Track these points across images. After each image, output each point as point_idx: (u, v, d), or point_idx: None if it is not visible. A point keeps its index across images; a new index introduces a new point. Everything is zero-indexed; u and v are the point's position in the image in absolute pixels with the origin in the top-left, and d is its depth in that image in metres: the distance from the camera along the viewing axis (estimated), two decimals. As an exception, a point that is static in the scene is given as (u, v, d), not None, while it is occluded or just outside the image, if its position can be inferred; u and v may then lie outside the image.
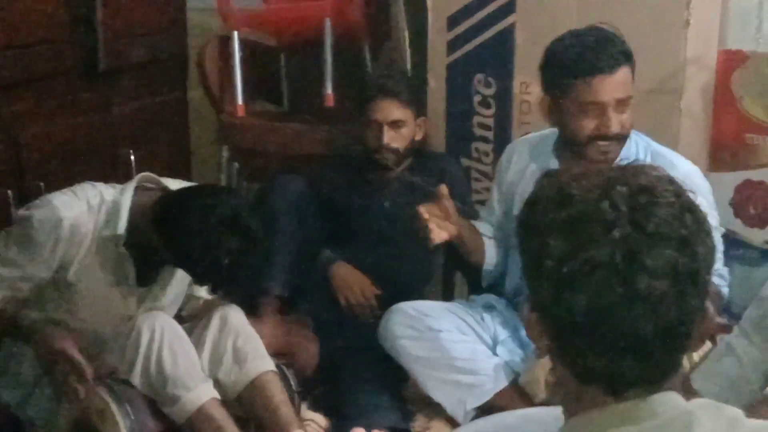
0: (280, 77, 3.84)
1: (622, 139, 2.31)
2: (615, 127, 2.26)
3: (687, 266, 1.03)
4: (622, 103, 2.26)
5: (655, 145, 2.43)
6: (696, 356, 2.22)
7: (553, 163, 2.43)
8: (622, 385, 1.07)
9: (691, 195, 1.08)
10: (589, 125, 2.28)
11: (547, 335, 1.09)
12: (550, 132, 2.48)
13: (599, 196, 1.05)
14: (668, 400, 1.07)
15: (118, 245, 2.28)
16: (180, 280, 2.48)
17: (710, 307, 1.08)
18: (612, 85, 2.23)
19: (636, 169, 1.09)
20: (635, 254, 1.02)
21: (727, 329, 2.19)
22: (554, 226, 1.06)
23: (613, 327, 1.03)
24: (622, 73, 2.25)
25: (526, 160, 2.56)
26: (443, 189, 2.42)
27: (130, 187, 2.31)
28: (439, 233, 2.38)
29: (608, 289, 1.02)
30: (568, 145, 2.37)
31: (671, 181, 1.09)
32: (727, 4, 2.94)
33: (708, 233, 1.07)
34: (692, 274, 1.04)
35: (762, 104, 2.96)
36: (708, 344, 2.31)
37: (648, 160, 2.35)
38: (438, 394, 2.51)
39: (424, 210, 2.38)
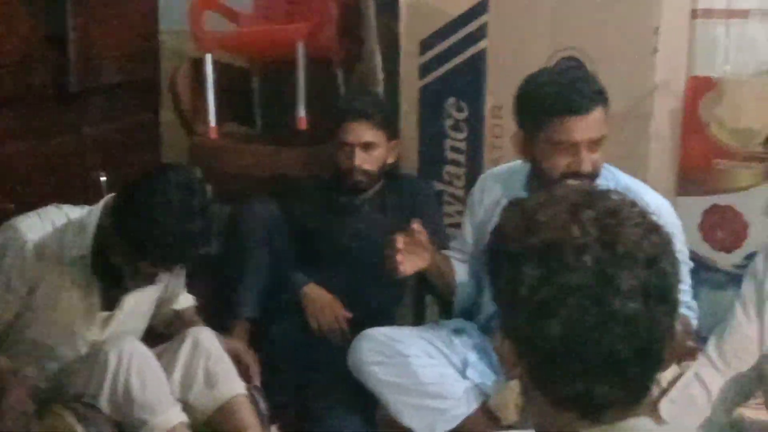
0: (252, 99, 3.84)
1: (593, 177, 2.32)
2: (587, 167, 2.27)
3: (657, 285, 1.04)
4: (595, 143, 2.27)
5: (624, 180, 2.43)
6: (664, 382, 2.23)
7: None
8: (597, 409, 1.07)
9: (654, 216, 1.09)
10: (561, 163, 2.29)
11: (522, 362, 1.09)
12: (521, 164, 2.49)
13: (568, 221, 1.06)
14: (642, 426, 1.07)
15: (85, 267, 2.26)
16: (146, 302, 2.47)
17: (679, 326, 1.09)
18: (586, 126, 2.25)
19: (599, 193, 1.10)
20: (608, 277, 1.03)
21: (695, 353, 2.20)
22: (525, 254, 1.06)
23: (589, 351, 1.03)
24: (597, 113, 2.26)
25: (498, 194, 2.56)
26: (416, 226, 2.42)
27: (96, 208, 2.30)
28: (410, 265, 2.38)
29: (584, 313, 1.02)
30: (540, 180, 2.38)
31: (634, 203, 1.10)
32: (695, 31, 2.97)
33: (672, 252, 1.08)
34: (662, 293, 1.05)
35: (729, 130, 3.00)
36: (676, 370, 2.33)
37: None
38: (408, 419, 2.50)
39: (398, 239, 2.39)
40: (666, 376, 2.30)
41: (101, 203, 2.32)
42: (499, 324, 1.12)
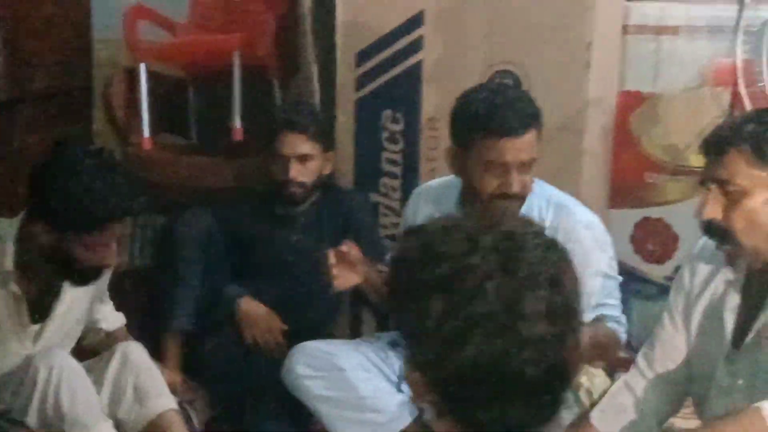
0: (187, 110, 3.80)
1: (522, 198, 2.33)
2: (516, 188, 2.27)
3: (561, 304, 1.06)
4: (526, 165, 2.28)
5: (557, 196, 2.44)
6: (596, 394, 2.26)
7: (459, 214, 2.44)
8: None
9: (549, 233, 1.10)
10: (491, 183, 2.29)
11: (433, 393, 1.09)
12: (455, 179, 2.48)
13: (467, 249, 1.05)
14: None
15: (10, 280, 2.22)
16: (76, 312, 2.43)
17: (583, 340, 1.10)
18: (518, 148, 2.24)
19: (496, 216, 1.11)
20: (513, 302, 1.03)
21: (627, 364, 2.23)
22: (428, 287, 1.05)
23: (500, 376, 1.04)
24: (530, 135, 2.26)
25: (430, 210, 2.55)
26: (345, 247, 2.41)
27: (16, 220, 2.25)
28: (343, 281, 2.38)
29: (491, 341, 1.03)
30: (473, 197, 2.38)
31: (530, 222, 1.11)
32: (626, 47, 3.03)
33: (572, 267, 1.10)
34: (567, 311, 1.06)
35: (659, 144, 3.05)
36: (607, 381, 2.36)
37: (550, 212, 2.37)
38: (342, 433, 2.50)
39: (331, 255, 2.38)
40: (598, 386, 2.33)
41: (23, 214, 2.27)
42: (407, 356, 1.11)
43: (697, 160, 2.98)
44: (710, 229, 1.83)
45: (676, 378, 2.03)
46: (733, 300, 1.89)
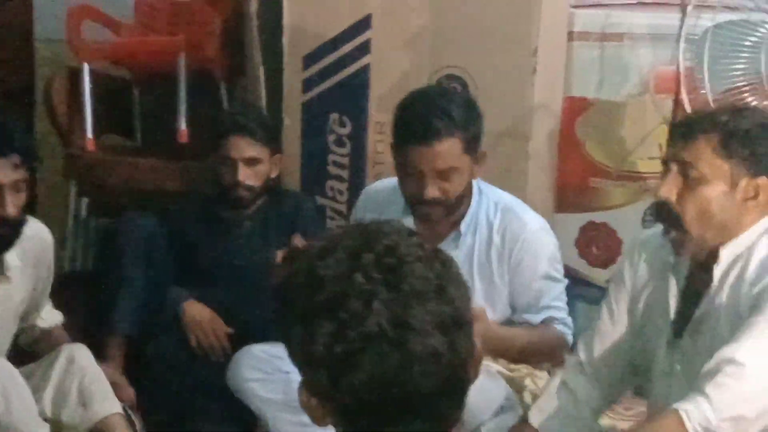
0: (132, 111, 3.76)
1: (444, 203, 2.31)
2: (430, 194, 2.26)
3: (450, 314, 1.04)
4: (445, 172, 2.26)
5: (504, 200, 2.44)
6: (538, 391, 2.28)
7: (408, 221, 2.44)
8: None
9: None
10: (410, 188, 2.30)
11: (332, 417, 1.07)
12: None
13: (349, 269, 1.04)
14: None
15: None
16: (9, 312, 2.38)
17: (477, 343, 1.10)
18: (430, 157, 2.24)
19: (374, 231, 1.09)
20: (401, 318, 1.01)
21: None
22: (314, 313, 1.03)
23: (397, 395, 1.02)
24: (447, 144, 2.23)
25: (379, 210, 2.55)
26: (297, 240, 2.40)
27: None
28: None
29: (384, 360, 1.01)
30: None
31: (410, 232, 1.10)
32: (572, 52, 3.06)
33: (458, 273, 1.08)
34: (456, 319, 1.05)
35: (604, 149, 3.09)
36: (548, 378, 2.38)
37: (498, 216, 2.39)
38: (287, 436, 2.49)
39: (279, 255, 2.37)
40: (540, 385, 2.35)
41: None
42: (300, 382, 1.09)
43: (640, 166, 3.04)
44: (661, 212, 1.85)
45: (614, 371, 2.06)
46: (675, 288, 1.92)
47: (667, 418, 1.68)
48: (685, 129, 1.85)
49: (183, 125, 3.33)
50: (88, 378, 2.36)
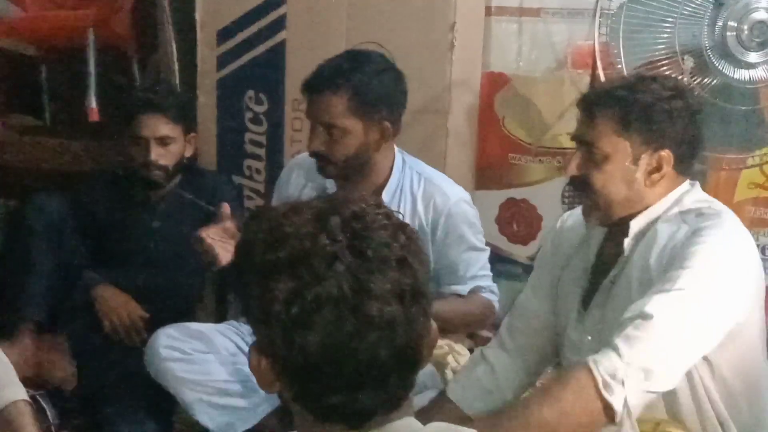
0: (40, 89, 3.66)
1: (335, 162, 2.32)
2: (311, 147, 2.31)
3: (410, 286, 1.04)
4: (329, 128, 2.28)
5: (427, 172, 2.46)
6: (457, 367, 2.27)
7: (330, 184, 2.42)
8: (363, 417, 1.06)
9: (398, 215, 1.10)
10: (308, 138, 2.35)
11: (281, 379, 1.06)
12: None
13: (315, 230, 1.04)
14: (407, 426, 1.08)
15: None
16: None
17: (434, 324, 1.10)
18: (313, 108, 2.30)
19: (343, 198, 1.09)
20: (362, 283, 1.02)
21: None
22: (275, 269, 1.03)
23: (349, 360, 1.02)
24: (328, 99, 2.26)
25: (303, 180, 2.55)
26: (226, 209, 2.35)
27: None
28: (225, 255, 2.30)
29: (340, 323, 1.01)
30: None
31: (378, 204, 1.10)
32: (490, 28, 3.05)
33: (421, 249, 1.09)
34: (415, 293, 1.05)
35: (522, 125, 3.09)
36: (469, 355, 2.38)
37: (421, 187, 2.40)
38: (206, 418, 2.45)
39: (205, 233, 2.31)
40: (461, 362, 2.35)
41: None
42: (252, 342, 1.08)
43: (559, 142, 3.05)
44: (573, 181, 1.89)
45: (536, 347, 2.07)
46: (588, 261, 1.95)
47: (576, 370, 1.68)
48: (585, 107, 1.87)
49: (93, 103, 3.26)
50: (-8, 364, 2.28)
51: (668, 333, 1.68)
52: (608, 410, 1.63)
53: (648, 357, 1.66)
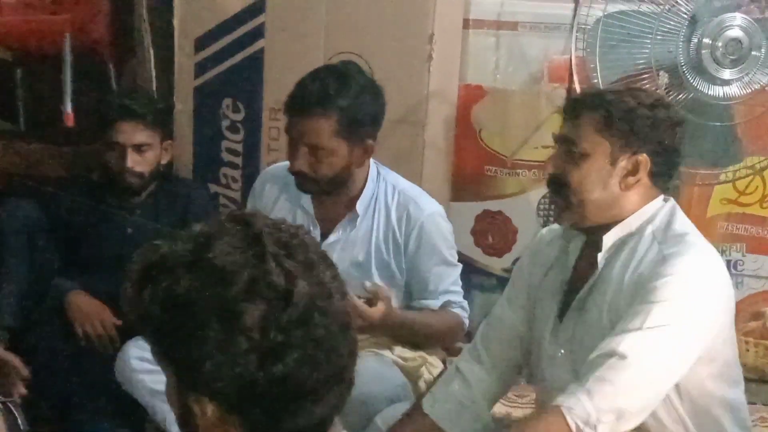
0: (15, 94, 3.63)
1: (318, 181, 2.30)
2: (296, 167, 2.27)
3: (338, 280, 1.06)
4: (314, 149, 2.25)
5: (402, 184, 2.45)
6: (431, 379, 2.27)
7: (305, 199, 2.41)
8: (320, 428, 1.07)
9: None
10: (288, 156, 2.32)
11: (232, 418, 1.03)
12: None
13: (252, 252, 1.02)
14: None
15: None
16: None
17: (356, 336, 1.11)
18: (300, 129, 2.26)
19: (240, 216, 1.09)
20: (322, 286, 1.03)
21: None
22: (233, 303, 1.00)
23: (322, 366, 1.03)
24: (317, 122, 2.24)
25: (277, 192, 2.52)
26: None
27: None
28: None
29: (316, 330, 1.01)
30: None
31: (264, 215, 1.09)
32: (467, 40, 3.06)
33: (331, 263, 1.09)
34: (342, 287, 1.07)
35: (499, 138, 3.11)
36: (442, 367, 2.38)
37: (396, 200, 2.39)
38: (177, 430, 2.42)
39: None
40: (435, 374, 2.35)
41: None
42: (188, 394, 1.05)
43: (535, 155, 3.06)
44: (551, 183, 1.91)
45: (510, 360, 2.07)
46: (566, 274, 1.96)
47: (550, 415, 1.70)
48: (572, 107, 1.91)
49: (69, 109, 3.23)
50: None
51: (641, 373, 1.71)
52: None
53: (621, 399, 1.69)
